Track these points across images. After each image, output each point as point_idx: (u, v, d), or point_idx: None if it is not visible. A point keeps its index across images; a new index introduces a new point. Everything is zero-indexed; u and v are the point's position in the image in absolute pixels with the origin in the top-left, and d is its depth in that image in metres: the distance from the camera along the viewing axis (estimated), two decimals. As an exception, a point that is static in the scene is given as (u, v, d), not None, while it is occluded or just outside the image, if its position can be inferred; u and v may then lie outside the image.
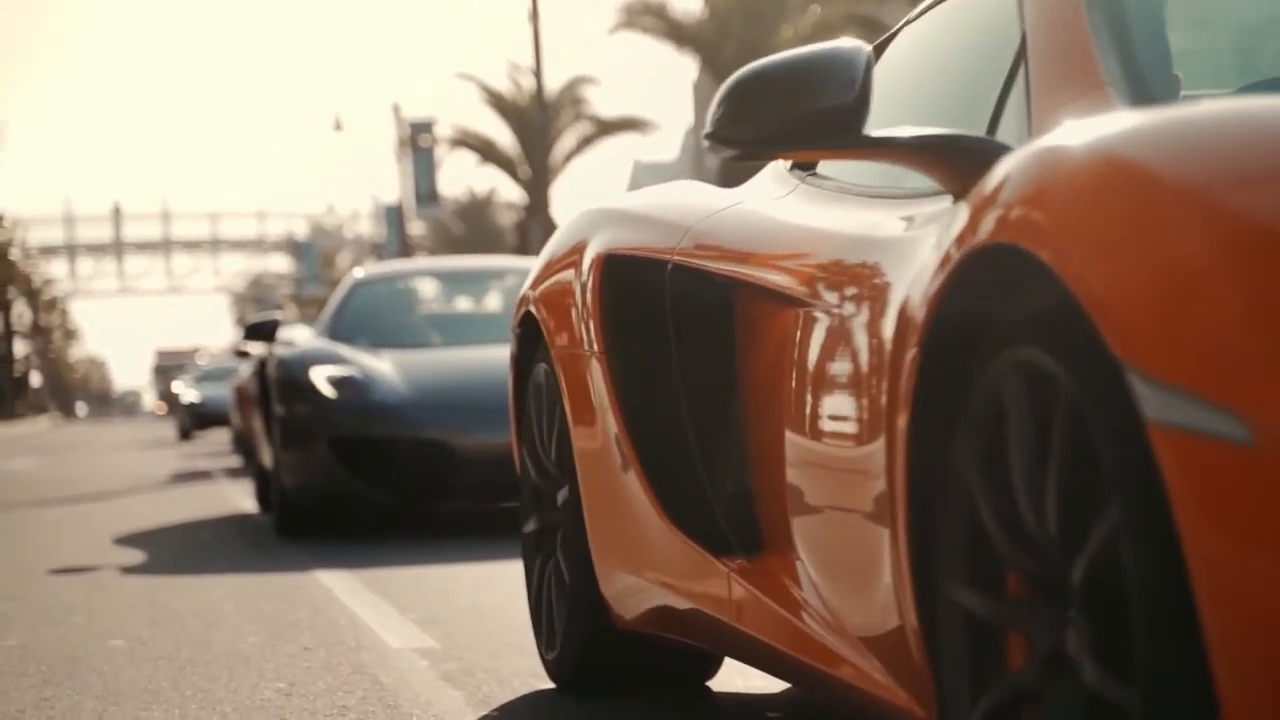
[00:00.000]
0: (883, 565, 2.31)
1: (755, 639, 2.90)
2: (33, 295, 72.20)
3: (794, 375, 2.75)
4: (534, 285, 3.82)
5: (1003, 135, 2.58)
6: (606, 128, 41.77)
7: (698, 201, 3.41)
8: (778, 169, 3.40)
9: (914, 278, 2.24)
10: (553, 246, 3.83)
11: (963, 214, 2.04)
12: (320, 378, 8.35)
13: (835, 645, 2.60)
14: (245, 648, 4.68)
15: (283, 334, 9.30)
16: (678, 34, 35.72)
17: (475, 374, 8.36)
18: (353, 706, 3.75)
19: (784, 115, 2.46)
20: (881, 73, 2.59)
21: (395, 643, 4.67)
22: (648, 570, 3.30)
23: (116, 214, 76.98)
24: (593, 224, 3.64)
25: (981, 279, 2.00)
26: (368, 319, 9.48)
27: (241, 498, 12.00)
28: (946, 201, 2.45)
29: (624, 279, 3.42)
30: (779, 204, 3.17)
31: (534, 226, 35.76)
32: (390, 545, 7.78)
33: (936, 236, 2.22)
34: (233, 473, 16.14)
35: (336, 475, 8.13)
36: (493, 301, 10.13)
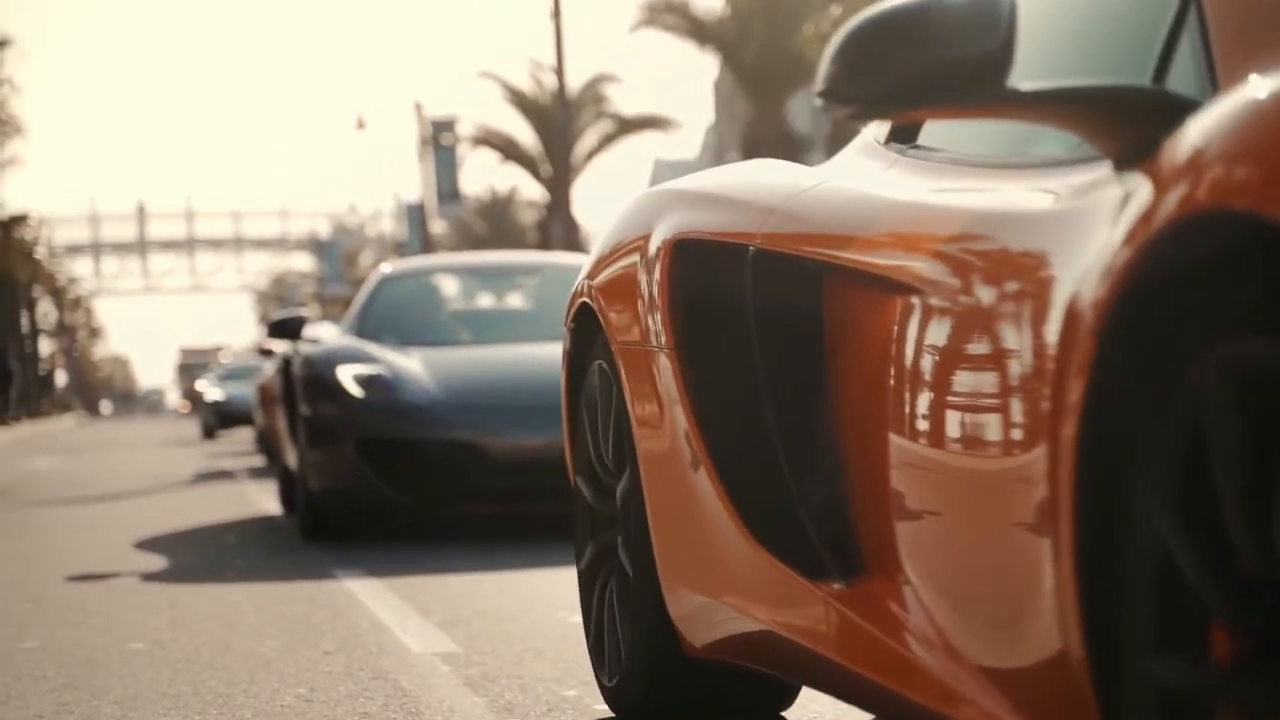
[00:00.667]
0: (1030, 589, 1.96)
1: (853, 672, 2.54)
2: (58, 294, 72.48)
3: (903, 372, 2.36)
4: (591, 275, 3.41)
5: (1174, 87, 2.17)
6: (628, 126, 41.74)
7: (781, 180, 3.00)
8: (867, 142, 3.00)
9: (1081, 260, 1.90)
10: (613, 232, 3.40)
11: (1144, 182, 1.75)
12: (347, 376, 8.04)
13: (953, 680, 2.24)
14: (265, 651, 4.62)
15: (308, 331, 9.00)
16: (699, 32, 35.65)
17: (507, 373, 8.09)
18: (374, 713, 3.70)
19: (914, 67, 2.09)
20: None
21: (417, 647, 4.61)
22: (724, 591, 2.90)
23: (141, 213, 77.17)
24: (659, 206, 3.23)
25: (1178, 257, 1.68)
26: (396, 316, 9.15)
27: (264, 499, 11.97)
28: (1097, 169, 2.07)
29: (697, 267, 3.01)
30: (879, 179, 2.76)
31: (556, 225, 35.74)
32: (411, 548, 7.73)
33: (1105, 210, 1.90)
34: (256, 473, 16.12)
35: (363, 477, 7.83)
36: (525, 298, 9.75)
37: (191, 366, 77.76)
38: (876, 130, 3.01)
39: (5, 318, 56.04)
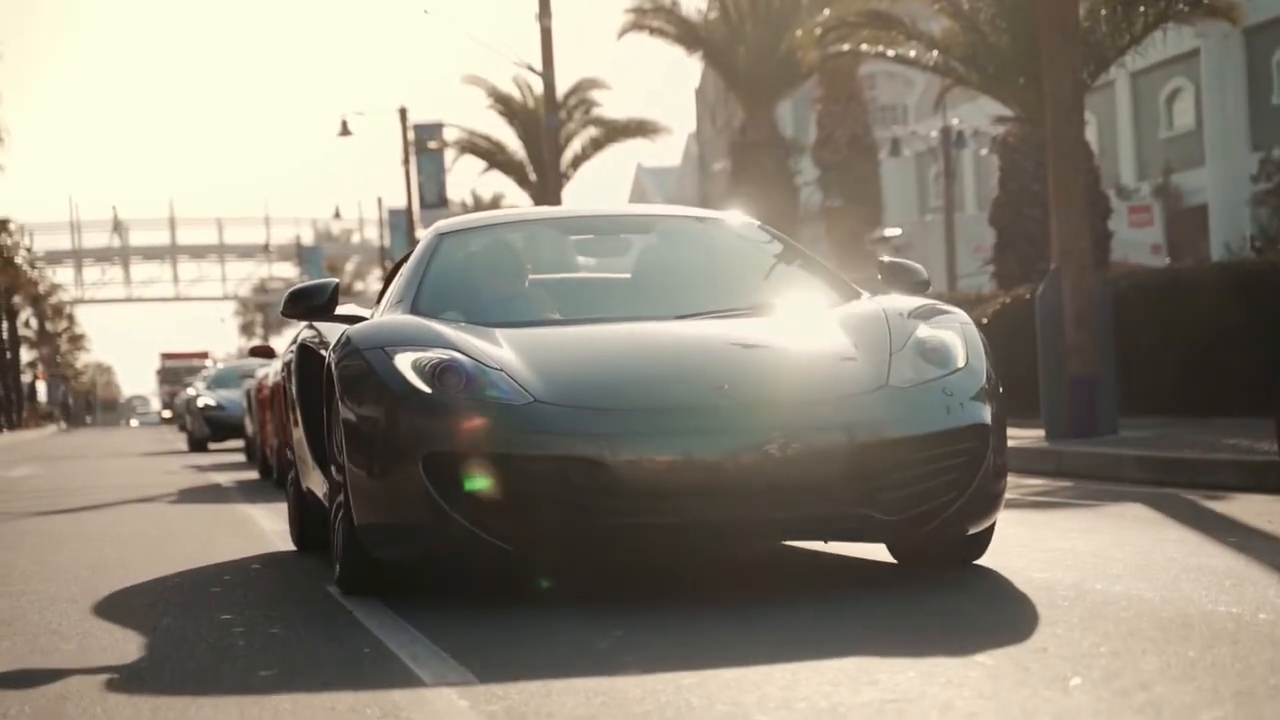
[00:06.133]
0: None
1: None
2: (38, 302, 71.86)
3: None
4: None
5: None
6: (615, 132, 41.23)
7: None
8: None
9: None
10: None
11: None
12: (407, 365, 5.56)
13: None
14: (258, 683, 4.14)
15: (344, 308, 6.66)
16: (688, 36, 35.23)
17: (634, 362, 5.69)
18: (386, 761, 3.21)
19: None
20: None
21: (428, 678, 4.13)
22: None
23: (116, 222, 76.52)
24: None
25: None
26: (462, 285, 6.64)
27: (261, 516, 11.46)
28: None
29: None
30: None
31: (545, 230, 35.22)
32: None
33: None
34: (246, 488, 15.58)
35: (434, 510, 5.34)
36: (632, 263, 7.09)
37: (174, 371, 76.70)
38: None
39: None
